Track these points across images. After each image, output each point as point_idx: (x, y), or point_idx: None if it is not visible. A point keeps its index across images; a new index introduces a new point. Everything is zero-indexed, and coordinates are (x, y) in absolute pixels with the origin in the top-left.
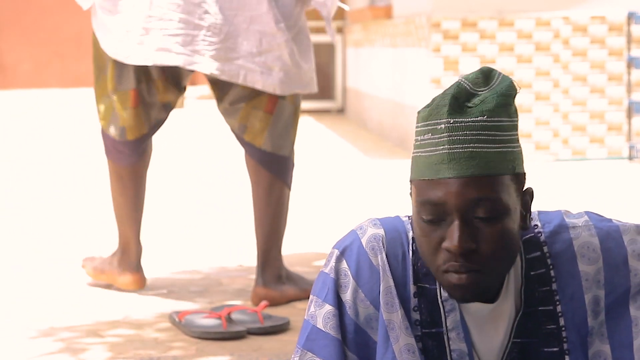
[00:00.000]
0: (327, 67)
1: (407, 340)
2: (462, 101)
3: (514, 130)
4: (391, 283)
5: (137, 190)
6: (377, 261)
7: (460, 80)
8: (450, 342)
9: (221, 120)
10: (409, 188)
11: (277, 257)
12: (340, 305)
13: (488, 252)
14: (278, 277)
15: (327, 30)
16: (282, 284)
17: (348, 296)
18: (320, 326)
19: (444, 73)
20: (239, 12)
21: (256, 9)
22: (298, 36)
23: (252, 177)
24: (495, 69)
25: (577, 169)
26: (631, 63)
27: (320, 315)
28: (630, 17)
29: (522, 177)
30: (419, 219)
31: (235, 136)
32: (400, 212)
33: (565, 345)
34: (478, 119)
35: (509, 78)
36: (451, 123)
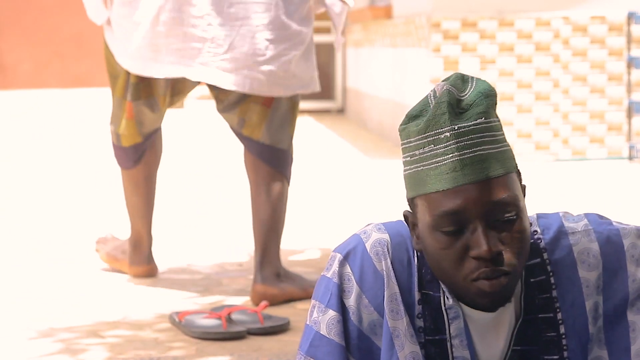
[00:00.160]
0: (327, 67)
1: (412, 348)
2: (455, 107)
3: (502, 128)
4: (396, 289)
5: (148, 189)
6: (381, 267)
7: (446, 87)
8: (454, 349)
9: (221, 120)
10: (411, 206)
11: (276, 254)
12: (344, 310)
13: (514, 252)
14: (277, 274)
15: (336, 40)
16: (281, 282)
17: (352, 302)
18: (324, 332)
19: (444, 73)
20: (245, 21)
21: (263, 17)
22: (304, 40)
23: (251, 172)
24: (464, 73)
25: (577, 169)
26: (631, 63)
27: (324, 322)
28: (630, 17)
29: (520, 173)
30: (435, 233)
31: (234, 133)
32: (400, 213)
33: (566, 353)
34: (478, 121)
35: (483, 79)
36: (456, 130)
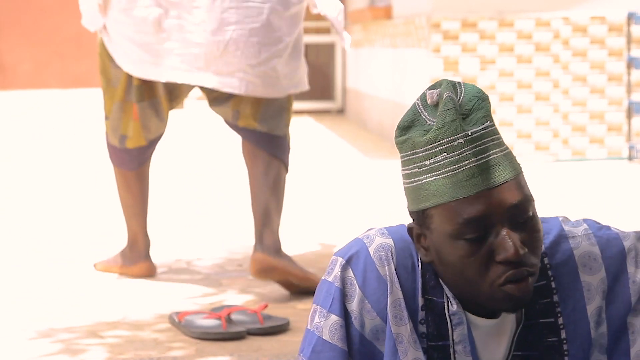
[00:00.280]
0: (327, 68)
1: (415, 354)
2: (460, 113)
3: None
4: (400, 295)
5: (142, 188)
6: (384, 271)
7: (447, 94)
8: (456, 355)
9: (221, 120)
10: (419, 218)
11: (276, 234)
12: (346, 315)
13: (533, 252)
14: (277, 250)
15: (343, 42)
16: (282, 258)
17: (354, 306)
18: (326, 338)
19: (443, 73)
20: (238, 26)
21: (255, 21)
22: (296, 40)
23: (249, 159)
24: (448, 79)
25: (577, 169)
26: (631, 63)
27: (327, 327)
28: (630, 17)
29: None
30: (457, 242)
31: (230, 126)
32: (400, 213)
33: (567, 359)
34: (485, 125)
35: (468, 83)
36: (470, 135)
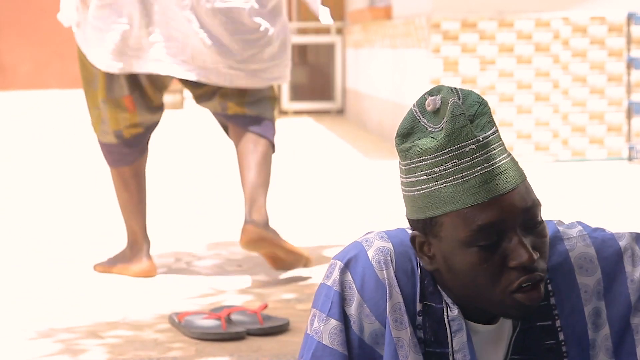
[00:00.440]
0: (326, 68)
1: (415, 358)
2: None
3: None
4: (400, 299)
5: (139, 186)
6: (383, 275)
7: (452, 99)
8: None
9: None
10: (425, 227)
11: (263, 208)
12: (345, 319)
13: (544, 256)
14: (266, 224)
15: (321, 16)
16: (270, 231)
17: (353, 310)
18: (326, 342)
19: (443, 74)
20: (222, 25)
21: (238, 19)
22: (283, 34)
23: (238, 139)
24: (444, 85)
25: (577, 169)
26: (631, 64)
27: (326, 331)
28: (630, 17)
29: None
30: (469, 249)
31: (219, 117)
32: (400, 214)
33: None
34: (493, 130)
35: (465, 88)
36: (481, 141)
